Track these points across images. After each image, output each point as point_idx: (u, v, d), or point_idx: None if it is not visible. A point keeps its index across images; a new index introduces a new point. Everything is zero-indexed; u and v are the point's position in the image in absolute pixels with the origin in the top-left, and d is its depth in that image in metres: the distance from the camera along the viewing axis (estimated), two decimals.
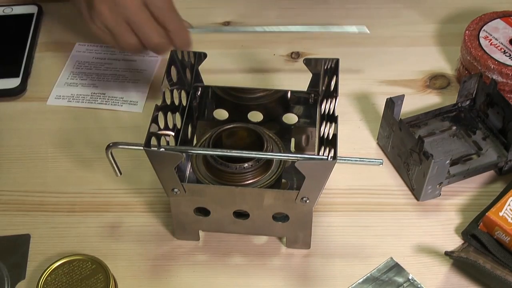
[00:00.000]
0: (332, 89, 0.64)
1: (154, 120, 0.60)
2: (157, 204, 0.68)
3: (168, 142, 0.63)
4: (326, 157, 0.56)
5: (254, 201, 0.60)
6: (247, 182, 0.61)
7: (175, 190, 0.59)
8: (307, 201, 0.58)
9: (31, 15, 0.87)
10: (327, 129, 0.62)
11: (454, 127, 0.72)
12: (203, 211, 0.62)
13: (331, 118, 0.61)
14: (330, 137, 0.60)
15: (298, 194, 0.58)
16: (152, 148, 0.57)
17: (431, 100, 0.77)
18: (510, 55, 0.74)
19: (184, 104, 0.66)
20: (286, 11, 0.89)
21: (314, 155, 0.65)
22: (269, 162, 0.62)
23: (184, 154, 0.57)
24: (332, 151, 0.58)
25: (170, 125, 0.63)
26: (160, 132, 0.61)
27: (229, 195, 0.59)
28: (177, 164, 0.57)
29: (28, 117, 0.77)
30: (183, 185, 0.59)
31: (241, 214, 0.62)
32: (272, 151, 0.62)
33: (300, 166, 0.55)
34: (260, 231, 0.64)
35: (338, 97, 0.61)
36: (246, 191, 0.59)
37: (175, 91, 0.64)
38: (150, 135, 0.58)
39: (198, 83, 0.68)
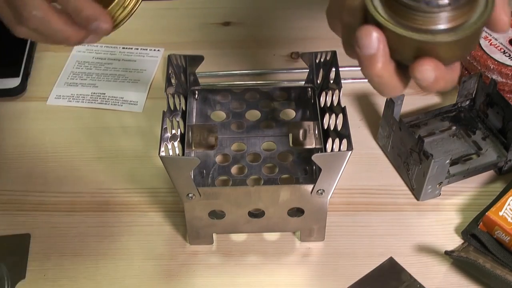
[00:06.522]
0: (332, 81, 0.64)
1: (165, 127, 0.60)
2: (157, 204, 0.68)
3: (176, 147, 0.63)
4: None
5: (270, 199, 0.59)
6: (441, 26, 0.45)
7: (190, 195, 0.58)
8: (323, 193, 0.59)
9: None
10: (332, 121, 0.62)
11: (454, 127, 0.72)
12: (214, 214, 0.62)
13: (337, 109, 0.61)
14: (339, 128, 0.61)
15: (314, 187, 0.58)
16: (169, 155, 0.57)
17: (431, 100, 0.77)
18: (509, 55, 0.74)
19: (184, 108, 0.66)
20: (286, 11, 0.89)
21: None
22: None
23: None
24: (344, 141, 0.59)
25: (176, 130, 0.63)
26: (169, 137, 0.61)
27: (244, 195, 0.59)
28: (193, 169, 0.56)
29: (28, 117, 0.77)
30: (198, 189, 0.58)
31: (255, 213, 0.61)
32: None
33: (317, 158, 0.56)
34: (275, 228, 0.63)
35: (341, 88, 0.61)
36: (262, 189, 0.59)
37: (176, 95, 0.64)
38: (163, 142, 0.58)
39: (196, 86, 0.68)
